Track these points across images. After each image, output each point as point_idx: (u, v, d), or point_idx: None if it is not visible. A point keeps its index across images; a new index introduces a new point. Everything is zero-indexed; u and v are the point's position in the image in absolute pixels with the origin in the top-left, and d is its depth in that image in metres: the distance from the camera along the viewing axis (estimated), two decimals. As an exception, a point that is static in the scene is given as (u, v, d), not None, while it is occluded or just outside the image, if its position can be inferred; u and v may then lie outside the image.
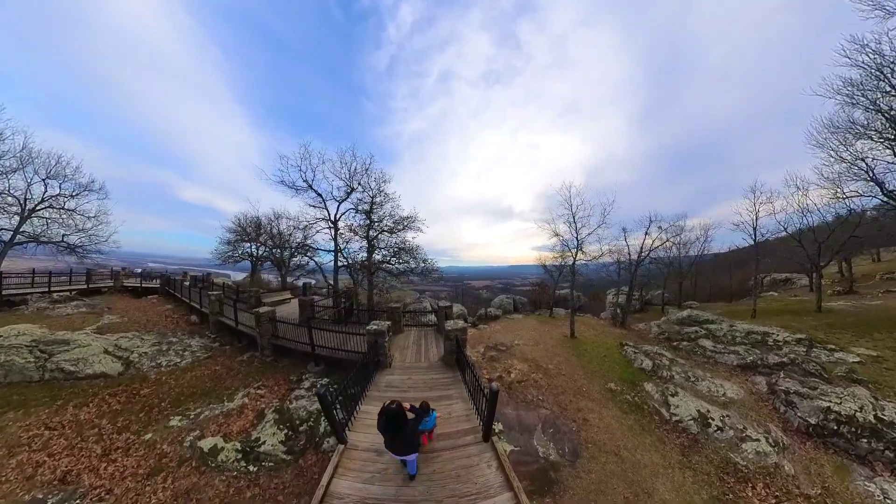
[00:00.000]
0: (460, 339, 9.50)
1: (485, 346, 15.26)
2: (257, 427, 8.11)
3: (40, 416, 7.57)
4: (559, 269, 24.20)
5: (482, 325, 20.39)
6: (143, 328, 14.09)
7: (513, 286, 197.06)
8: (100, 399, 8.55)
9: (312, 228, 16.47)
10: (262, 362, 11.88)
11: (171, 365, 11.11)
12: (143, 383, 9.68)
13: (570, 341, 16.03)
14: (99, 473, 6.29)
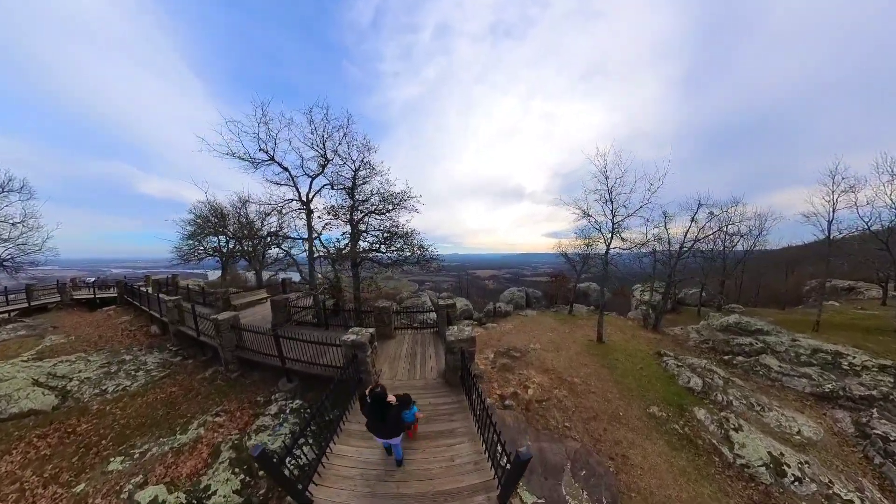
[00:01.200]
0: (466, 353, 8.02)
1: (495, 351, 13.89)
2: (210, 469, 7.08)
3: None
4: (583, 258, 22.67)
5: (490, 324, 19.03)
6: (93, 347, 13.28)
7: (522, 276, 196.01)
8: (26, 443, 7.75)
9: (283, 212, 13.75)
10: (225, 379, 10.83)
11: (118, 391, 10.32)
12: (81, 417, 8.86)
13: (598, 347, 14.59)
14: None
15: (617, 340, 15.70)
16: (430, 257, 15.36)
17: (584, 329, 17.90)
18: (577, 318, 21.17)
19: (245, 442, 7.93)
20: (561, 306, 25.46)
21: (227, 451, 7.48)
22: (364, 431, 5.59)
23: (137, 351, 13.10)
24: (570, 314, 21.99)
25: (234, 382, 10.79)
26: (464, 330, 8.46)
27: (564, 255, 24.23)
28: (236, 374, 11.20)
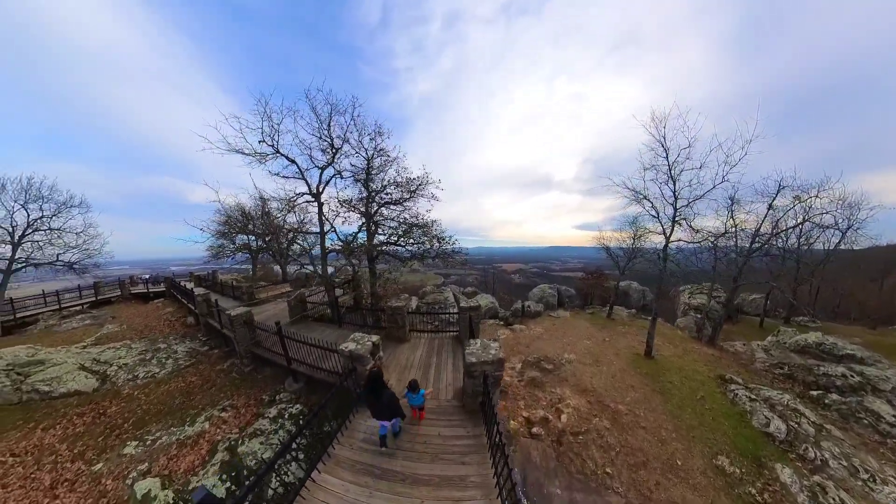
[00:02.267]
0: (491, 378, 6.52)
1: (523, 360, 12.28)
2: (203, 469, 6.96)
3: (10, 440, 7.61)
4: (628, 253, 19.70)
5: (518, 326, 17.30)
6: (138, 335, 14.27)
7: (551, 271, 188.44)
8: (67, 420, 8.43)
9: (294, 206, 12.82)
10: (240, 373, 10.92)
11: (148, 377, 10.85)
12: (112, 400, 9.46)
13: (646, 363, 12.43)
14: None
15: (668, 355, 13.41)
16: (452, 250, 13.83)
17: (627, 338, 15.67)
18: (618, 322, 18.81)
19: (241, 444, 7.57)
20: (597, 307, 23.01)
21: (222, 453, 7.31)
22: (354, 464, 5.25)
23: (172, 340, 13.81)
24: (608, 318, 19.61)
25: (247, 377, 10.79)
26: (489, 348, 6.90)
27: (606, 249, 21.30)
28: (249, 369, 11.15)
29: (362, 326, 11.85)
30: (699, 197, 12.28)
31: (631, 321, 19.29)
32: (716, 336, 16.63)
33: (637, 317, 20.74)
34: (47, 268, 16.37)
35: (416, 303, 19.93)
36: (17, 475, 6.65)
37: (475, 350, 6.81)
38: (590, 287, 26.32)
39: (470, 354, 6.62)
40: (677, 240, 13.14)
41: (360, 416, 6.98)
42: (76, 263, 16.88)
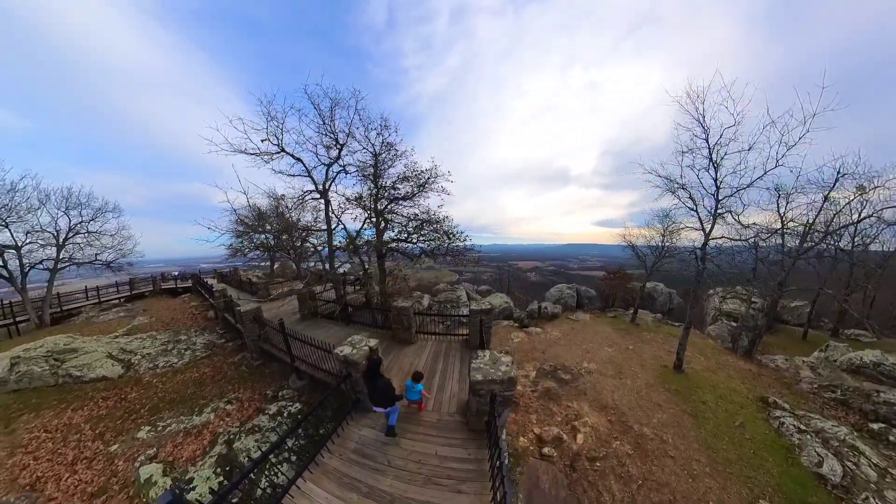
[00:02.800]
0: (499, 398, 5.74)
1: (537, 368, 11.41)
2: (201, 460, 7.05)
3: (45, 418, 8.26)
4: (657, 252, 18.01)
5: (534, 328, 16.33)
6: (164, 327, 15.07)
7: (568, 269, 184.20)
8: (93, 402, 8.99)
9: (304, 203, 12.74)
10: (249, 367, 11.14)
11: (167, 366, 11.31)
12: (134, 386, 9.95)
13: (675, 378, 11.22)
14: (59, 484, 6.32)
15: (699, 369, 12.11)
16: (464, 247, 13.05)
17: (653, 346, 14.40)
18: (642, 328, 17.45)
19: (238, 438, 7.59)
20: (619, 310, 21.59)
21: (220, 446, 7.38)
22: (341, 476, 5.09)
23: (193, 332, 14.36)
24: (632, 322, 18.25)
25: (255, 371, 10.89)
26: (499, 363, 6.10)
27: (631, 247, 19.65)
28: (258, 363, 11.26)
29: (370, 326, 11.49)
30: (747, 185, 10.48)
31: (657, 327, 17.86)
32: (753, 349, 15.03)
33: (663, 322, 19.24)
34: (87, 266, 18.15)
35: (427, 301, 19.38)
36: (47, 449, 7.21)
37: (483, 365, 6.04)
38: (611, 288, 24.81)
39: (476, 370, 5.86)
40: (719, 237, 11.40)
41: (354, 424, 6.49)
42: (112, 262, 18.72)
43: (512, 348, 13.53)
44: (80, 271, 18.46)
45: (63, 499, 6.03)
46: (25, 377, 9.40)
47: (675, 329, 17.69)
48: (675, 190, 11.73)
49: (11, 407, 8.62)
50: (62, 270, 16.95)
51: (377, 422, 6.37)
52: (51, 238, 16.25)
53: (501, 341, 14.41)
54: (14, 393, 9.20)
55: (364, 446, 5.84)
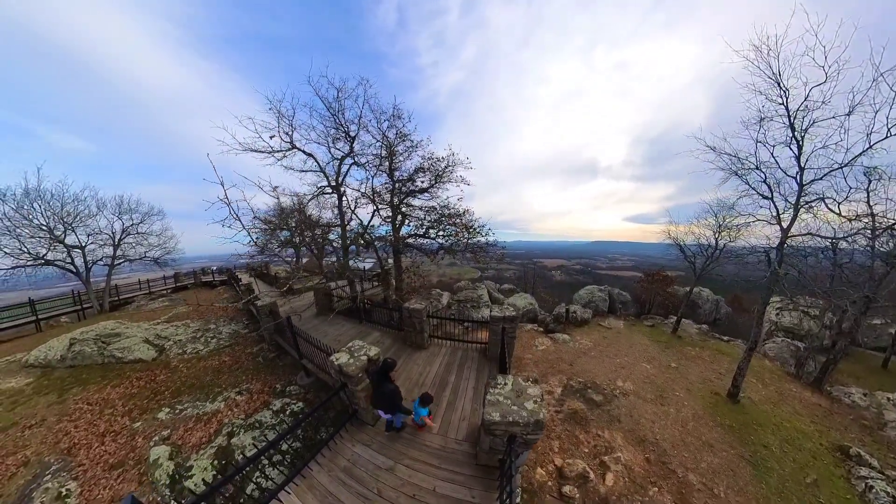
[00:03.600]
0: (517, 441, 4.56)
1: (563, 384, 10.04)
2: (202, 448, 6.99)
3: (89, 392, 8.92)
4: (708, 252, 15.26)
5: (561, 335, 14.71)
6: (198, 316, 15.74)
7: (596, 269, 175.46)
8: (128, 381, 9.50)
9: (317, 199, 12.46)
10: (264, 358, 11.14)
11: (193, 353, 11.67)
12: (163, 370, 10.36)
13: (730, 410, 9.33)
14: (89, 453, 6.73)
15: (757, 400, 10.11)
16: (486, 243, 11.82)
17: (699, 365, 12.39)
18: (686, 342, 15.25)
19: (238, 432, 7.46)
20: (657, 318, 19.29)
21: (222, 437, 7.28)
22: (326, 496, 4.63)
23: (221, 322, 14.93)
24: (673, 334, 16.05)
25: (270, 363, 10.80)
26: (524, 397, 4.73)
27: (679, 245, 16.90)
28: (273, 356, 11.21)
29: (384, 325, 10.73)
30: (842, 165, 7.90)
31: (703, 341, 15.57)
32: (825, 378, 12.50)
33: (709, 335, 16.78)
34: (138, 262, 20.54)
35: (447, 299, 18.31)
36: (86, 420, 7.79)
37: (502, 398, 4.73)
38: (649, 292, 22.27)
39: (493, 406, 4.58)
40: (803, 233, 8.87)
41: (348, 438, 5.71)
42: (158, 258, 21.07)
43: (535, 357, 12.20)
44: (132, 266, 20.75)
45: (89, 466, 6.40)
46: (79, 356, 10.38)
47: (724, 345, 15.34)
48: (745, 172, 9.20)
49: (66, 380, 9.48)
50: (118, 266, 19.32)
51: (374, 439, 5.58)
52: (108, 239, 18.71)
53: (524, 348, 13.08)
54: (69, 368, 10.14)
55: (355, 465, 5.10)
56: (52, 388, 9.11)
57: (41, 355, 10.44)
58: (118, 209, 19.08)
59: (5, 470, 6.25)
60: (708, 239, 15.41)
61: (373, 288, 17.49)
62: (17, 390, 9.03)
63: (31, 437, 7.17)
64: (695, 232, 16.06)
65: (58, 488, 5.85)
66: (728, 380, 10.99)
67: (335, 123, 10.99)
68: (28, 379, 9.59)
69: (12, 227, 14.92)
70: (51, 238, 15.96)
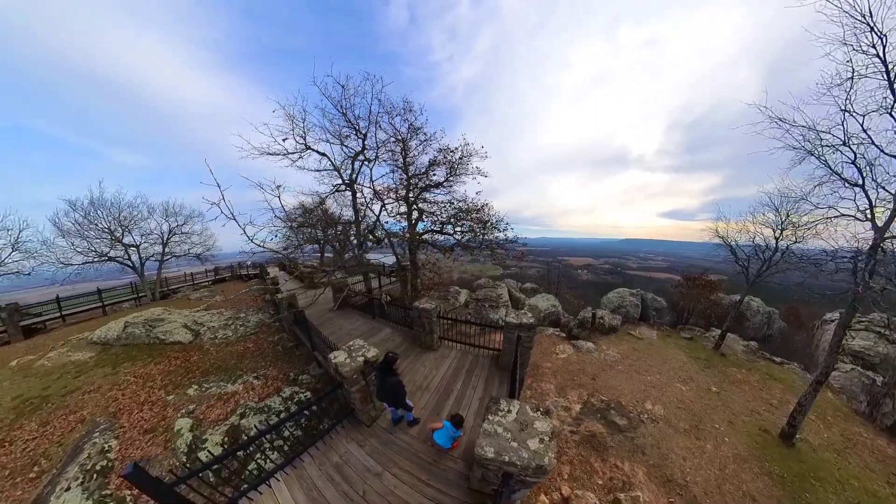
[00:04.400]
0: (516, 480, 3.87)
1: (584, 401, 9.07)
2: (218, 425, 7.44)
3: (136, 366, 9.81)
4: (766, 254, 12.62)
5: (585, 343, 13.45)
6: (231, 305, 16.86)
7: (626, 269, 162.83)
8: (168, 360, 10.32)
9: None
10: (284, 347, 11.51)
11: (223, 338, 12.33)
12: (197, 351, 11.08)
13: (781, 455, 7.75)
14: (129, 417, 7.46)
15: (817, 444, 8.39)
16: (506, 239, 11.07)
17: (745, 391, 10.66)
18: (729, 360, 13.31)
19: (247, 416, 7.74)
20: (696, 330, 17.15)
21: (235, 417, 7.63)
22: (311, 490, 4.53)
23: (250, 311, 15.80)
24: (715, 350, 14.09)
25: (288, 351, 11.12)
26: (529, 431, 4.00)
27: (730, 246, 14.06)
28: (291, 345, 11.49)
29: (395, 322, 10.47)
30: None
31: (750, 361, 13.50)
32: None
33: (758, 354, 14.52)
34: (183, 258, 23.06)
35: (465, 297, 17.62)
36: (131, 390, 8.57)
37: (501, 429, 4.03)
38: (688, 298, 19.78)
39: (488, 438, 3.92)
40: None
41: (344, 435, 5.53)
42: (200, 254, 23.58)
43: (555, 366, 11.24)
44: (178, 262, 23.53)
45: (128, 428, 7.11)
46: (130, 336, 11.62)
47: (776, 368, 13.16)
48: (826, 151, 6.99)
49: (119, 356, 10.57)
50: (166, 261, 21.94)
51: (368, 440, 5.38)
52: (157, 238, 21.26)
53: (543, 355, 12.13)
54: (123, 346, 11.31)
55: (346, 463, 4.93)
56: (108, 362, 10.13)
57: (102, 334, 11.73)
58: (165, 213, 21.68)
59: (68, 425, 7.16)
60: (766, 239, 12.75)
61: (390, 283, 17.34)
62: (82, 362, 10.18)
63: (89, 400, 8.09)
64: (749, 230, 13.29)
65: (102, 444, 6.55)
66: (781, 414, 9.31)
67: (345, 122, 10.84)
68: (91, 353, 10.78)
69: (82, 231, 17.54)
70: (112, 238, 18.50)
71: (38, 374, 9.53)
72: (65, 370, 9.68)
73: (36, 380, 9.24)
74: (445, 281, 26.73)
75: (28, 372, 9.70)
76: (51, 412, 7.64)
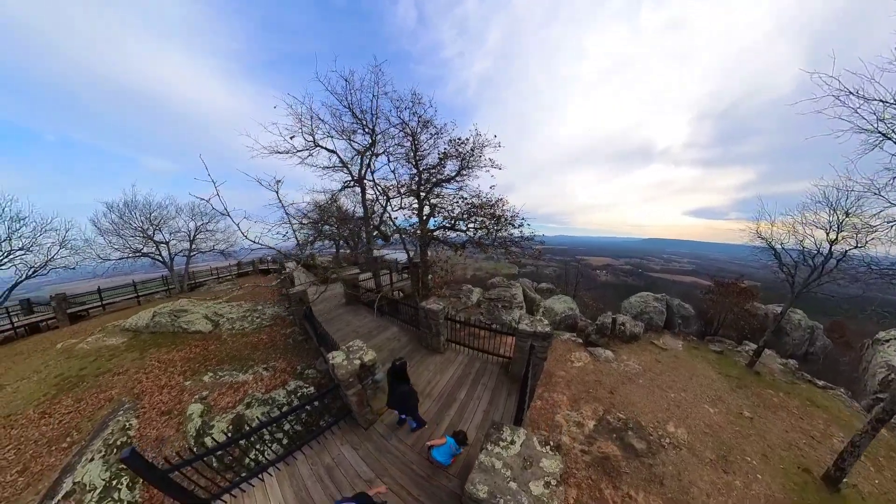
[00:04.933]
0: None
1: (598, 416, 8.36)
2: (226, 412, 7.49)
3: (161, 352, 10.22)
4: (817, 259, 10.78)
5: (603, 351, 12.52)
6: (251, 298, 17.27)
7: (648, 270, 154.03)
8: (189, 347, 10.68)
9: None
10: (294, 340, 11.57)
11: (240, 329, 12.59)
12: (215, 341, 11.37)
13: (823, 501, 6.70)
14: (150, 399, 7.78)
15: (868, 492, 7.17)
16: (521, 237, 10.43)
17: (783, 419, 9.43)
18: (765, 381, 11.92)
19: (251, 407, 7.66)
20: (728, 342, 15.60)
21: (241, 406, 7.63)
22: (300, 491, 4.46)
23: (266, 304, 16.14)
24: (749, 368, 12.71)
25: (298, 345, 11.18)
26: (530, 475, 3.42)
27: (773, 249, 12.09)
28: (302, 339, 11.53)
29: (403, 321, 10.20)
30: None
31: (789, 383, 12.04)
32: None
33: (798, 375, 12.95)
34: (209, 253, 24.43)
35: (477, 296, 16.99)
36: (154, 374, 8.93)
37: (501, 465, 3.48)
38: (720, 306, 18.06)
39: (483, 474, 3.38)
40: None
41: (340, 436, 5.42)
42: (224, 250, 24.81)
43: (569, 376, 10.52)
44: (204, 257, 25.00)
45: (148, 409, 7.49)
46: (157, 325, 12.25)
47: (818, 393, 11.60)
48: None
49: (147, 342, 11.12)
50: (193, 256, 23.38)
51: (363, 444, 5.18)
52: (185, 235, 22.70)
53: (558, 362, 11.41)
54: (151, 334, 11.93)
55: (338, 466, 4.79)
56: (137, 348, 10.69)
57: (133, 323, 12.50)
58: (191, 212, 23.16)
59: (98, 403, 7.66)
60: (818, 242, 10.78)
61: (402, 280, 17.07)
62: (115, 347, 10.86)
63: (117, 382, 8.57)
64: (798, 232, 11.25)
65: (124, 422, 6.94)
66: (824, 451, 8.14)
67: (352, 117, 10.51)
68: (123, 339, 11.47)
69: (118, 229, 19.34)
70: (144, 236, 20.15)
71: (77, 356, 10.22)
72: (100, 353, 10.30)
73: (76, 361, 9.91)
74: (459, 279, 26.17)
75: (70, 353, 10.45)
76: (85, 390, 8.19)
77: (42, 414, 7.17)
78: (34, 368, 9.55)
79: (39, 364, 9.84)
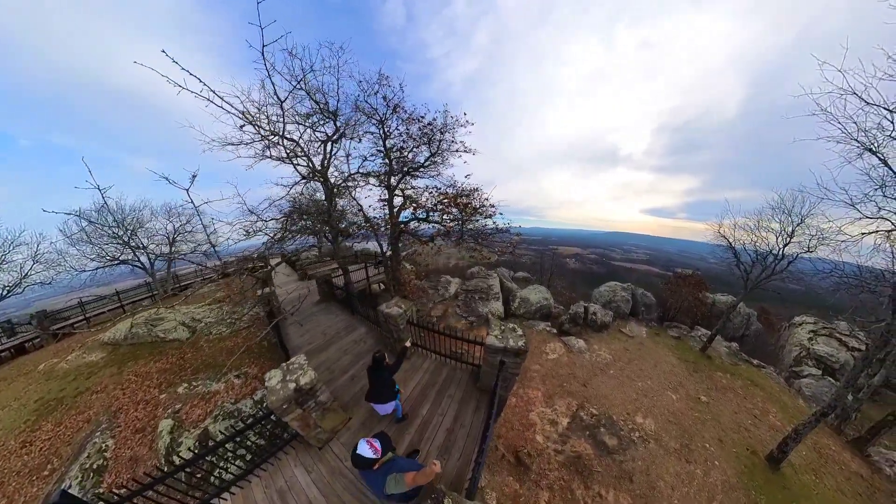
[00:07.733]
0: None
1: (572, 412, 8.24)
2: (196, 426, 6.81)
3: (138, 365, 9.27)
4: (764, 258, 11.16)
5: (576, 341, 12.43)
6: (232, 300, 15.93)
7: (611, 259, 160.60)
8: (165, 358, 9.75)
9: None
10: (268, 343, 10.56)
11: (217, 334, 11.60)
12: (191, 348, 10.42)
13: (767, 480, 6.92)
14: (126, 417, 7.06)
15: (798, 464, 7.48)
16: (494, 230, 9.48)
17: (731, 400, 9.75)
18: (715, 364, 12.34)
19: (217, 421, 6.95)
20: (682, 328, 16.18)
21: (210, 419, 6.97)
22: None
23: (248, 305, 14.70)
24: (702, 352, 13.12)
25: (272, 348, 10.42)
26: None
27: (730, 244, 12.40)
28: (275, 341, 10.45)
29: (371, 321, 9.03)
30: None
31: (733, 365, 12.55)
32: (870, 441, 9.06)
33: (739, 357, 13.47)
34: (190, 255, 22.01)
35: (455, 288, 16.42)
36: (131, 389, 8.14)
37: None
38: (676, 295, 18.70)
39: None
40: None
41: (293, 458, 4.67)
42: (206, 251, 22.33)
43: (545, 369, 10.38)
44: (190, 259, 22.93)
45: (124, 427, 6.82)
46: (135, 336, 11.13)
47: (756, 373, 12.16)
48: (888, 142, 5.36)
49: (126, 356, 10.07)
50: (175, 259, 21.13)
51: (315, 465, 4.48)
52: (164, 238, 20.44)
53: (533, 355, 11.24)
54: (130, 346, 10.80)
55: (290, 490, 4.17)
56: (115, 362, 9.65)
57: (111, 336, 11.21)
58: (167, 214, 20.74)
59: (77, 425, 6.95)
60: (770, 244, 11.14)
61: (379, 274, 16.22)
62: (94, 363, 9.77)
63: (96, 400, 7.76)
64: (756, 235, 11.55)
65: (100, 444, 6.29)
66: (764, 428, 8.50)
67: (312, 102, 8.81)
68: (102, 354, 10.31)
69: (90, 237, 16.92)
70: (119, 242, 17.87)
71: (57, 377, 9.18)
72: (79, 372, 9.29)
73: (55, 382, 8.91)
74: (440, 268, 25.47)
75: (51, 374, 9.38)
76: (64, 413, 7.39)
77: (23, 444, 6.47)
78: (15, 395, 8.50)
79: (21, 389, 8.77)
